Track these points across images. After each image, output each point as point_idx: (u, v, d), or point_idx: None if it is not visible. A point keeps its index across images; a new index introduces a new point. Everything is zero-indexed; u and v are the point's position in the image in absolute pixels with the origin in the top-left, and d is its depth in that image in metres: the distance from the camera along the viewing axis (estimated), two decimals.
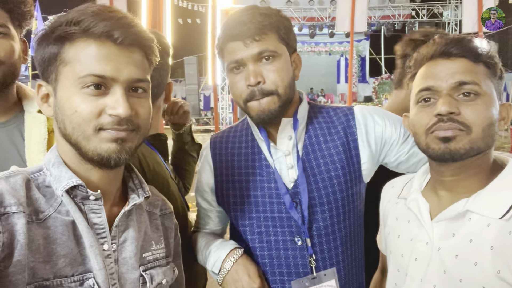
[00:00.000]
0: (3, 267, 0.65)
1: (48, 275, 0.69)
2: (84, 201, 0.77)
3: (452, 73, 0.86)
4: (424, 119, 0.88)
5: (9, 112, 1.15)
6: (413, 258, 0.92)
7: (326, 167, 1.08)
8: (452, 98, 0.85)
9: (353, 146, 1.09)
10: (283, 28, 1.04)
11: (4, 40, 1.07)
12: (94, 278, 0.74)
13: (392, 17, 15.31)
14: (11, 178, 0.72)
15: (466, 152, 0.84)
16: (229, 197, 1.14)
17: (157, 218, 0.93)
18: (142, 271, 0.83)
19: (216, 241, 1.14)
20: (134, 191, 0.86)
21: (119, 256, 0.80)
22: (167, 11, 4.46)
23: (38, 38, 0.75)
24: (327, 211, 1.06)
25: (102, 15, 0.72)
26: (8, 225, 0.66)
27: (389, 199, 1.07)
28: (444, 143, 0.85)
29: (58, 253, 0.71)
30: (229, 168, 1.15)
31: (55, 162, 0.77)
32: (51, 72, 0.74)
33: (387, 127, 1.10)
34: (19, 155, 1.12)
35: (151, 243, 0.88)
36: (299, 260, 1.05)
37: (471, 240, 0.83)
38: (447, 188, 0.91)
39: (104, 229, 0.78)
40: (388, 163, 1.14)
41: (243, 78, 1.03)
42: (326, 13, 15.27)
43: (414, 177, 1.03)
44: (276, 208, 1.07)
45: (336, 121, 1.13)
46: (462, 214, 0.85)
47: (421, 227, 0.92)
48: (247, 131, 1.17)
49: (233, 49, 1.02)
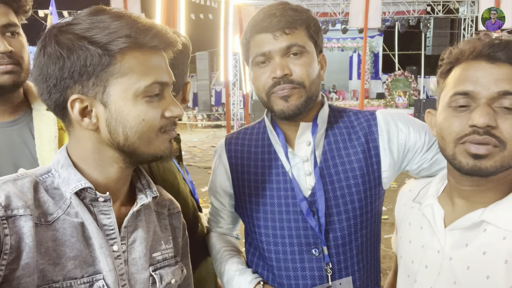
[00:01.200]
0: (11, 270, 0.65)
1: (57, 277, 0.70)
2: (93, 202, 0.77)
3: (495, 80, 0.76)
4: (455, 127, 0.80)
5: (18, 111, 1.16)
6: (423, 266, 0.89)
7: (345, 175, 1.04)
8: (490, 109, 0.76)
9: (374, 153, 1.05)
10: (313, 26, 1.02)
11: (18, 39, 1.10)
12: (104, 279, 0.74)
13: (406, 13, 15.05)
14: (18, 180, 0.72)
15: (496, 170, 0.77)
16: (246, 203, 1.12)
17: (165, 218, 0.92)
18: (152, 271, 0.83)
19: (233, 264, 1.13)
20: (142, 191, 0.86)
21: (128, 256, 0.80)
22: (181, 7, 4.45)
23: (63, 50, 0.70)
24: (344, 220, 1.03)
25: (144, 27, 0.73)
26: (15, 228, 0.66)
27: (405, 203, 1.04)
28: (474, 159, 0.78)
29: (67, 255, 0.71)
30: (245, 172, 1.13)
31: (64, 164, 0.76)
32: (96, 85, 0.72)
33: (411, 134, 1.05)
34: (30, 153, 1.12)
35: (160, 242, 0.88)
36: (315, 268, 1.03)
37: (484, 252, 0.79)
38: (463, 197, 0.86)
39: (114, 230, 0.78)
40: (410, 170, 1.10)
41: (268, 71, 1.00)
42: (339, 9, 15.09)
43: (431, 181, 0.98)
44: (292, 216, 1.04)
45: (357, 126, 1.09)
46: (477, 224, 0.81)
47: (433, 234, 0.88)
48: (264, 135, 1.14)
49: (261, 41, 1.00)
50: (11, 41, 1.07)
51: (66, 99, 0.72)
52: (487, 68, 0.78)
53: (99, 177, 0.78)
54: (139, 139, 0.74)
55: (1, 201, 0.67)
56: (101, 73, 0.71)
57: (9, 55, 1.06)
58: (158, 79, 0.75)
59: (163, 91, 0.77)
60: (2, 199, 0.67)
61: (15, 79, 1.08)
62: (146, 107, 0.74)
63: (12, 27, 1.08)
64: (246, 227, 1.17)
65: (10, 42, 1.07)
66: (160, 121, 0.76)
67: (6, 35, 1.07)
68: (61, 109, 0.75)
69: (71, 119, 0.75)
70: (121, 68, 0.72)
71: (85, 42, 0.69)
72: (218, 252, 1.20)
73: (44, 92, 0.74)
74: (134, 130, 0.74)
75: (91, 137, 0.76)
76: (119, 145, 0.75)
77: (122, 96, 0.72)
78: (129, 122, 0.73)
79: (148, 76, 0.73)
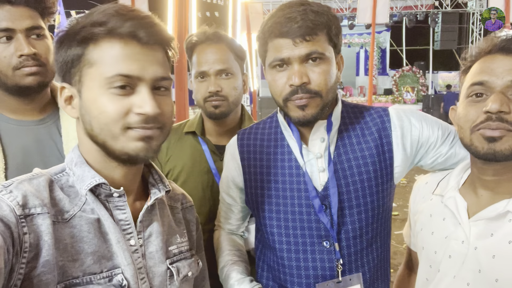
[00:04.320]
0: (32, 267, 0.66)
1: (77, 273, 0.71)
2: (108, 198, 0.78)
3: (510, 70, 0.82)
4: (472, 115, 0.85)
5: (46, 110, 1.21)
6: (447, 256, 0.92)
7: (358, 170, 1.05)
8: (504, 96, 0.81)
9: (387, 149, 1.06)
10: (334, 28, 1.00)
11: (43, 41, 1.13)
12: (122, 273, 0.75)
13: (414, 8, 14.92)
14: (34, 180, 0.73)
15: (511, 154, 0.81)
16: (257, 196, 1.13)
17: (179, 212, 0.94)
18: (169, 264, 0.84)
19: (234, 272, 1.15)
20: (155, 186, 0.87)
21: (145, 250, 0.81)
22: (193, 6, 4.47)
23: (59, 40, 0.74)
24: (356, 214, 1.04)
25: (125, 15, 0.72)
26: (33, 226, 0.67)
27: (423, 196, 1.06)
28: (489, 143, 0.82)
29: (85, 251, 0.72)
30: (257, 166, 1.14)
31: (77, 162, 0.78)
32: (75, 74, 0.75)
33: (424, 129, 1.06)
34: (58, 151, 1.17)
35: (176, 236, 0.89)
36: (326, 264, 1.04)
37: (510, 241, 0.82)
38: (488, 188, 0.90)
39: (130, 225, 0.79)
40: (424, 165, 1.11)
41: (285, 76, 0.99)
42: (346, 4, 15.01)
43: (450, 174, 1.01)
44: (304, 211, 1.05)
45: (370, 122, 1.09)
46: (502, 214, 0.84)
47: (457, 225, 0.91)
48: (276, 129, 1.15)
49: (280, 46, 0.98)
50: (35, 43, 1.11)
51: None
52: (501, 59, 0.84)
53: (107, 173, 0.78)
54: (102, 130, 0.73)
55: (19, 200, 0.68)
56: (77, 63, 0.74)
57: (33, 57, 1.09)
58: (122, 71, 0.71)
59: (137, 85, 0.73)
60: (19, 198, 0.68)
61: (39, 80, 1.12)
62: (109, 99, 0.72)
63: (37, 29, 1.11)
64: (257, 222, 1.18)
65: (34, 44, 1.10)
66: (124, 116, 0.72)
67: (32, 38, 1.11)
68: None
69: None
70: (91, 58, 0.73)
71: (71, 33, 0.73)
72: (223, 252, 1.22)
73: None
74: (96, 121, 0.73)
75: (79, 127, 0.79)
76: (91, 136, 0.76)
77: (89, 86, 0.73)
78: (93, 112, 0.73)
79: (112, 68, 0.72)
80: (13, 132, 1.14)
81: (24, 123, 1.16)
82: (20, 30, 1.08)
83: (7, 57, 1.07)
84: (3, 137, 1.12)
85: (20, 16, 1.08)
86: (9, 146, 1.12)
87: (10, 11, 1.07)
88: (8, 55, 1.07)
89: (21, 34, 1.08)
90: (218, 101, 1.37)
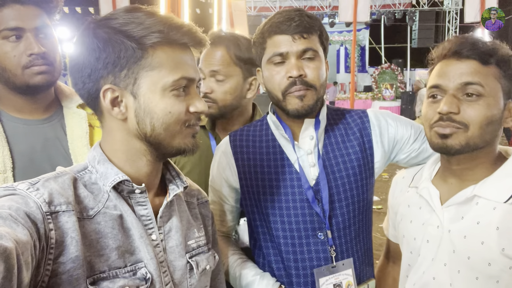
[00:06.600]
0: (59, 264, 0.68)
1: (103, 268, 0.74)
2: (130, 194, 0.81)
3: (460, 74, 0.93)
4: (430, 114, 0.97)
5: (50, 109, 1.22)
6: (425, 241, 1.01)
7: (345, 166, 1.16)
8: (454, 98, 0.92)
9: (368, 146, 1.19)
10: (324, 33, 1.14)
11: (51, 40, 1.13)
12: (145, 267, 0.78)
13: (392, 6, 15.19)
14: (59, 178, 0.76)
15: (462, 148, 0.92)
16: (254, 194, 1.19)
17: (195, 207, 0.98)
18: (189, 258, 0.88)
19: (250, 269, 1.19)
20: (173, 182, 0.90)
21: (166, 245, 0.84)
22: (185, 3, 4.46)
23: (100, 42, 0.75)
24: (344, 206, 1.15)
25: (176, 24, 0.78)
26: (58, 224, 0.70)
27: (401, 189, 1.17)
28: (442, 139, 0.94)
29: (110, 246, 0.75)
30: (251, 166, 1.20)
31: (100, 160, 0.81)
32: (127, 76, 0.76)
33: (399, 128, 1.20)
34: (63, 149, 1.18)
35: (194, 231, 0.93)
36: (320, 250, 1.13)
37: (478, 222, 0.92)
38: (455, 175, 1.00)
39: (151, 220, 0.82)
40: (399, 160, 1.23)
41: (283, 70, 1.09)
42: (326, 2, 15.16)
43: (423, 167, 1.12)
44: (299, 204, 1.14)
45: (352, 123, 1.22)
46: (470, 199, 0.94)
47: (432, 212, 1.01)
48: (267, 131, 1.23)
49: (279, 42, 1.09)
50: (44, 42, 1.11)
51: (99, 89, 0.77)
52: (454, 64, 0.94)
53: (131, 170, 0.82)
54: (165, 130, 0.78)
55: (45, 197, 0.70)
56: (133, 66, 0.76)
57: (42, 56, 1.10)
58: (185, 74, 0.79)
59: (189, 87, 0.81)
60: (45, 196, 0.70)
61: (48, 79, 1.13)
62: (173, 100, 0.78)
63: (44, 28, 1.12)
64: (254, 219, 1.22)
65: (43, 43, 1.11)
66: (185, 115, 0.80)
67: (40, 37, 1.11)
68: (93, 98, 0.79)
69: (102, 109, 0.79)
70: (152, 62, 0.76)
71: (120, 35, 0.75)
72: (227, 253, 1.25)
73: (78, 82, 0.78)
74: (161, 122, 0.78)
75: (120, 127, 0.80)
76: (146, 136, 0.79)
77: (151, 89, 0.77)
78: (156, 113, 0.77)
79: (176, 71, 0.78)
80: (20, 131, 1.14)
81: (30, 122, 1.17)
82: (29, 29, 1.08)
83: (17, 56, 1.08)
84: (10, 136, 1.12)
85: (29, 15, 1.08)
86: (16, 146, 1.12)
87: (20, 10, 1.07)
88: (17, 54, 1.07)
89: (30, 33, 1.09)
90: (208, 103, 1.39)
